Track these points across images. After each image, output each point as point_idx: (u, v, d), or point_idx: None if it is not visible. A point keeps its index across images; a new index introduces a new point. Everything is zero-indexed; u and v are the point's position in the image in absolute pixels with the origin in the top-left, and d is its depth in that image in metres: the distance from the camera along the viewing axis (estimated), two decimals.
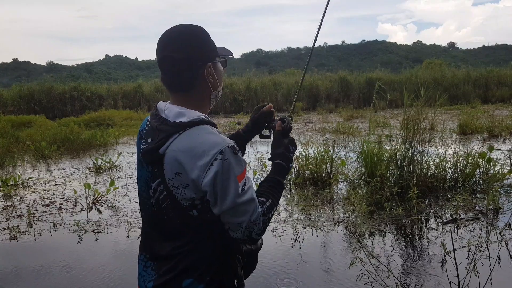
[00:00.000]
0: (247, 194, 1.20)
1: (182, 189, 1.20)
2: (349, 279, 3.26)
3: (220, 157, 1.15)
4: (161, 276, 1.26)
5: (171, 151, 1.19)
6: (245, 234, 1.22)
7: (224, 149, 1.17)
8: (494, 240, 3.83)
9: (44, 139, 10.65)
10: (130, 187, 6.49)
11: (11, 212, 5.37)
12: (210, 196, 1.18)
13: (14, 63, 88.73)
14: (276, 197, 1.34)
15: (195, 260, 1.24)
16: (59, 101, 21.62)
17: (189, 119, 1.22)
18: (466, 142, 9.22)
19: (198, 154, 1.16)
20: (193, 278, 1.24)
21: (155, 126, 1.26)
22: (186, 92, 1.30)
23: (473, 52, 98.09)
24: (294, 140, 1.50)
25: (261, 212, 1.25)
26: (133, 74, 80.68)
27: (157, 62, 1.29)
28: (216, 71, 1.33)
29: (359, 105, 21.95)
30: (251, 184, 1.24)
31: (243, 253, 1.38)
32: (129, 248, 4.08)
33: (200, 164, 1.16)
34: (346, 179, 6.15)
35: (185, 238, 1.24)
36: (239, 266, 1.35)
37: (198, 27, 1.31)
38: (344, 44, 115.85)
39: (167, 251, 1.26)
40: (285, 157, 1.44)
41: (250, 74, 28.06)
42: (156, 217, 1.29)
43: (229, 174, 1.17)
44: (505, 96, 22.42)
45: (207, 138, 1.19)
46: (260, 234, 1.25)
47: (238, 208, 1.19)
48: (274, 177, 1.39)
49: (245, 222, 1.20)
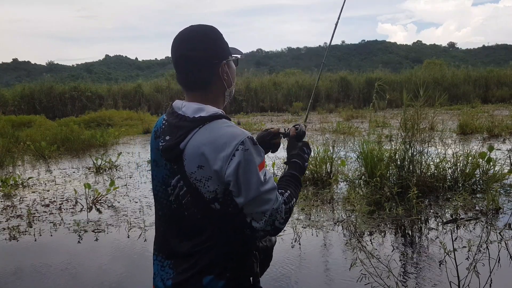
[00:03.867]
0: (269, 183, 1.23)
1: (205, 182, 1.22)
2: (349, 280, 3.26)
3: (241, 148, 1.19)
4: (180, 274, 1.27)
5: (192, 145, 1.21)
6: (269, 223, 1.24)
7: (244, 140, 1.20)
8: (494, 240, 3.83)
9: (44, 139, 10.65)
10: (130, 187, 6.49)
11: (11, 212, 5.37)
12: (233, 187, 1.20)
13: (14, 63, 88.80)
14: (294, 189, 1.37)
15: (214, 257, 1.25)
16: (59, 101, 21.64)
17: (208, 114, 1.26)
18: (466, 142, 9.22)
19: (220, 146, 1.19)
20: (213, 275, 1.25)
21: (173, 123, 1.28)
22: (202, 90, 1.33)
23: (473, 52, 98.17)
24: (308, 143, 1.59)
25: (282, 201, 1.27)
26: (133, 74, 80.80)
27: (173, 62, 1.33)
28: (229, 69, 1.37)
29: (359, 105, 21.97)
30: (271, 174, 1.26)
31: (260, 249, 1.39)
32: (129, 248, 4.08)
33: (222, 155, 1.18)
34: (346, 179, 6.15)
35: (204, 235, 1.25)
36: (255, 262, 1.36)
37: (211, 27, 1.35)
38: (344, 44, 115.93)
39: (186, 249, 1.27)
40: (300, 157, 1.51)
41: (249, 74, 28.06)
42: (176, 215, 1.30)
43: (250, 164, 1.20)
44: (505, 96, 22.45)
45: (227, 130, 1.23)
46: (283, 223, 1.26)
47: (262, 196, 1.21)
48: (291, 172, 1.44)
49: (269, 211, 1.22)
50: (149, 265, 3.68)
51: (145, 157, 9.13)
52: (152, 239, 1.44)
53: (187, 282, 1.26)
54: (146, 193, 6.04)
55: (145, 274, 3.50)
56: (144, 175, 7.30)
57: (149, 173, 7.38)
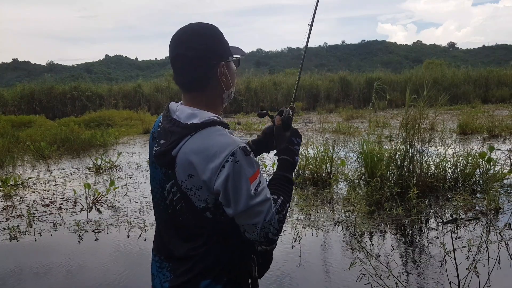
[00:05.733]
0: (261, 195, 1.18)
1: (196, 191, 1.19)
2: (349, 280, 3.26)
3: (231, 159, 1.14)
4: (178, 277, 1.25)
5: (183, 153, 1.18)
6: (261, 235, 1.20)
7: (235, 151, 1.15)
8: (494, 240, 3.83)
9: (44, 139, 10.66)
10: (130, 187, 6.49)
11: (11, 212, 5.37)
12: (222, 198, 1.17)
13: (14, 63, 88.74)
14: (286, 193, 1.31)
15: (212, 261, 1.23)
16: (59, 101, 21.63)
17: (201, 121, 1.21)
18: (466, 142, 9.22)
19: (210, 156, 1.15)
20: (210, 279, 1.23)
21: (167, 128, 1.24)
22: (199, 91, 1.28)
23: (473, 52, 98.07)
24: (297, 131, 1.44)
25: (275, 210, 1.22)
26: (133, 74, 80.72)
27: (170, 61, 1.27)
28: (229, 71, 1.31)
29: (359, 105, 21.96)
30: (265, 185, 1.22)
31: (258, 253, 1.37)
32: (129, 248, 4.08)
33: (211, 166, 1.14)
34: (346, 179, 6.15)
35: (201, 240, 1.23)
36: (253, 266, 1.34)
37: (211, 25, 1.29)
38: (344, 44, 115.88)
39: (183, 252, 1.25)
40: (289, 151, 1.39)
41: (249, 74, 28.05)
42: (172, 219, 1.28)
43: (240, 176, 1.15)
44: (505, 96, 22.45)
45: (219, 139, 1.17)
46: (277, 233, 1.22)
47: (252, 209, 1.17)
48: (281, 174, 1.35)
49: (260, 223, 1.18)
50: (149, 265, 3.68)
51: (145, 157, 9.13)
52: (152, 239, 1.43)
53: (184, 285, 1.24)
54: (146, 193, 6.04)
55: (145, 274, 3.50)
56: (144, 175, 7.29)
57: (149, 173, 7.37)
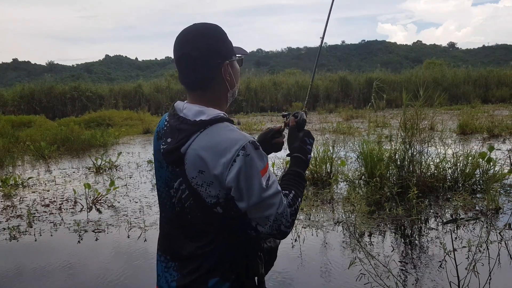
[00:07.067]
0: (272, 188, 1.20)
1: (207, 187, 1.19)
2: (348, 280, 3.26)
3: (242, 153, 1.16)
4: (185, 276, 1.26)
5: (193, 150, 1.19)
6: (274, 228, 1.21)
7: (245, 145, 1.17)
8: (494, 240, 3.84)
9: (44, 139, 10.66)
10: (130, 187, 6.49)
11: (11, 212, 5.37)
12: (234, 193, 1.18)
13: (14, 63, 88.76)
14: (298, 188, 1.33)
15: (219, 259, 1.24)
16: (59, 101, 21.65)
17: (209, 117, 1.23)
18: (466, 142, 9.22)
19: (220, 151, 1.16)
20: (218, 277, 1.24)
21: (174, 126, 1.26)
22: (204, 90, 1.30)
23: (473, 52, 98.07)
24: (310, 132, 1.49)
25: (287, 203, 1.24)
26: (133, 74, 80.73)
27: (175, 61, 1.29)
28: (233, 70, 1.33)
29: (359, 105, 21.96)
30: (274, 178, 1.23)
31: (264, 250, 1.38)
32: (129, 248, 4.08)
33: (222, 161, 1.16)
34: (346, 179, 6.15)
35: (208, 237, 1.24)
36: (260, 263, 1.35)
37: (215, 25, 1.31)
38: (344, 44, 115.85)
39: (190, 251, 1.25)
40: (302, 150, 1.43)
41: (249, 74, 28.07)
42: (179, 217, 1.28)
43: (252, 170, 1.17)
44: (505, 96, 22.47)
45: (228, 135, 1.19)
46: (289, 226, 1.24)
47: (265, 202, 1.18)
48: (294, 169, 1.38)
49: (273, 215, 1.20)
50: (149, 265, 3.69)
51: (145, 157, 9.13)
52: (153, 238, 1.44)
53: (192, 284, 1.24)
54: (146, 193, 6.04)
55: (145, 274, 3.50)
56: (144, 175, 7.30)
57: (149, 173, 7.39)
